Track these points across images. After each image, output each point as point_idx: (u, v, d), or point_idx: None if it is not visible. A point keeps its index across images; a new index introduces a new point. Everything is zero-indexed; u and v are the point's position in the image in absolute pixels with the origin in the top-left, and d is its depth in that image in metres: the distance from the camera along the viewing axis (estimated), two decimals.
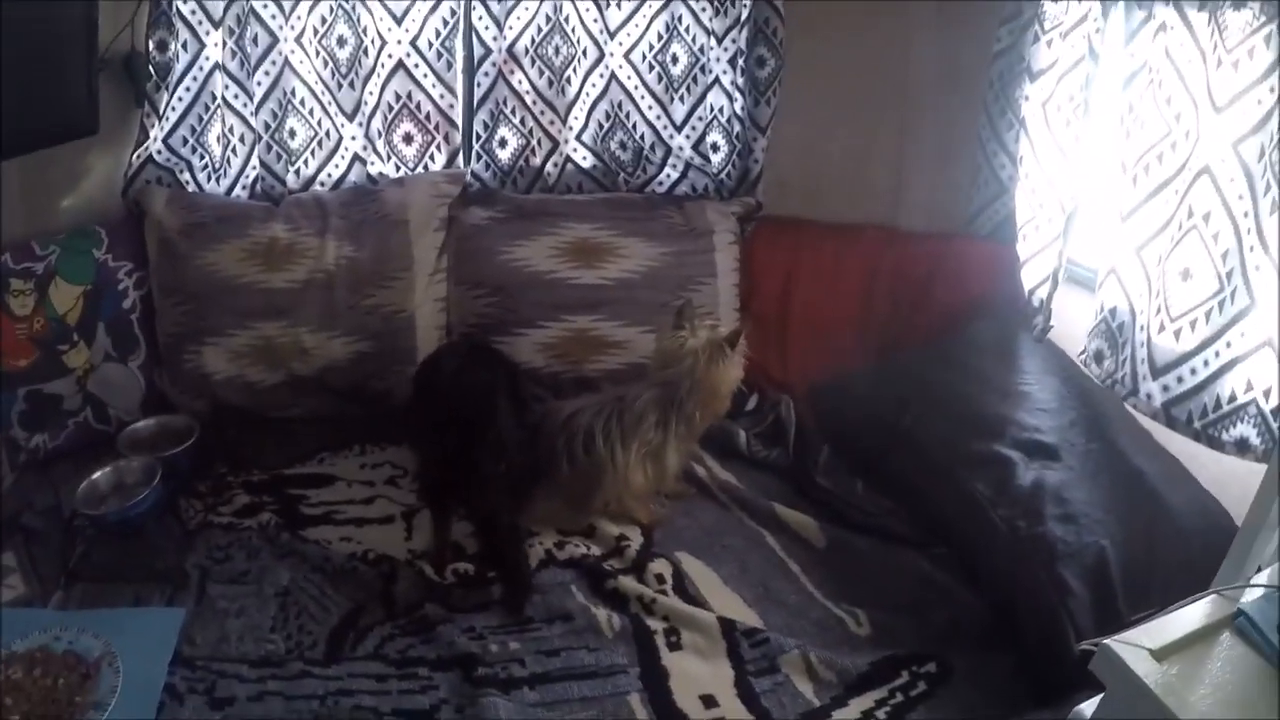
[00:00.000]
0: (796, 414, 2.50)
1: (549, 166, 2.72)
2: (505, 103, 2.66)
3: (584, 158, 2.72)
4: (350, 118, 2.62)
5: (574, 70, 2.64)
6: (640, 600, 1.99)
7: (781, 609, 2.01)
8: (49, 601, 2.05)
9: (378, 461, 2.42)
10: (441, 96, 2.64)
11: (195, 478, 2.35)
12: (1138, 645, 1.21)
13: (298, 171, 2.68)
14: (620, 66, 2.63)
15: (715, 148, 2.67)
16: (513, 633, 1.92)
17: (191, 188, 2.63)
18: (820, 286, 2.65)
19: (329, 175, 2.71)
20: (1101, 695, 1.27)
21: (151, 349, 2.54)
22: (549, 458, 2.15)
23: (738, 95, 2.59)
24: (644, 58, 2.62)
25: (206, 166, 2.63)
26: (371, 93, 2.61)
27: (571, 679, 1.84)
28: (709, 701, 1.79)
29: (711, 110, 2.64)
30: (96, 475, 2.28)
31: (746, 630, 1.91)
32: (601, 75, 2.64)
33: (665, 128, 2.67)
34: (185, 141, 2.57)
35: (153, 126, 2.51)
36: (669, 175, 2.70)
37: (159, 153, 2.56)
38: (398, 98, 2.63)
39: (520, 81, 2.64)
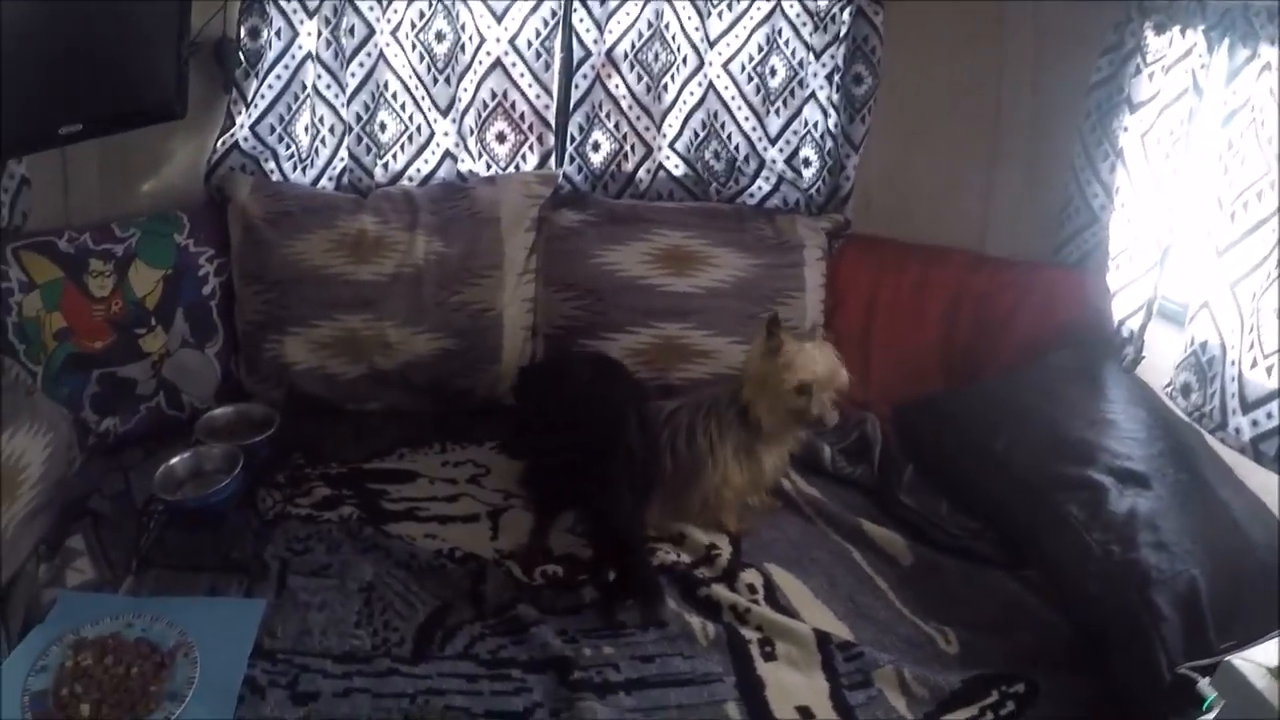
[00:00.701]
0: (881, 432, 2.51)
1: (641, 173, 2.72)
2: (601, 106, 2.68)
3: (676, 165, 2.72)
4: (444, 114, 2.63)
5: (672, 77, 2.65)
6: (734, 609, 1.97)
7: (871, 624, 1.98)
8: (120, 588, 2.02)
9: (459, 460, 2.41)
10: (538, 97, 2.65)
11: (272, 468, 2.33)
12: (1258, 663, 1.26)
13: (386, 165, 2.69)
14: (718, 76, 2.64)
15: (807, 163, 2.68)
16: (606, 637, 1.90)
17: (276, 177, 2.63)
18: (904, 307, 2.64)
19: (418, 170, 2.71)
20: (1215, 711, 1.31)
21: (229, 336, 2.54)
22: (653, 456, 2.14)
23: (832, 111, 2.60)
24: (743, 69, 2.64)
25: (293, 156, 2.63)
26: (466, 89, 2.63)
27: (668, 685, 1.81)
28: (805, 713, 1.77)
29: (806, 125, 2.65)
30: (174, 461, 2.26)
31: (841, 644, 1.89)
32: (700, 84, 2.65)
33: (760, 140, 2.66)
34: (273, 130, 2.57)
35: (240, 113, 2.52)
36: (760, 188, 2.70)
37: (245, 140, 2.56)
38: (493, 96, 2.65)
39: (617, 86, 2.66)
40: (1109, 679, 1.83)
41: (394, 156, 2.72)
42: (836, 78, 2.62)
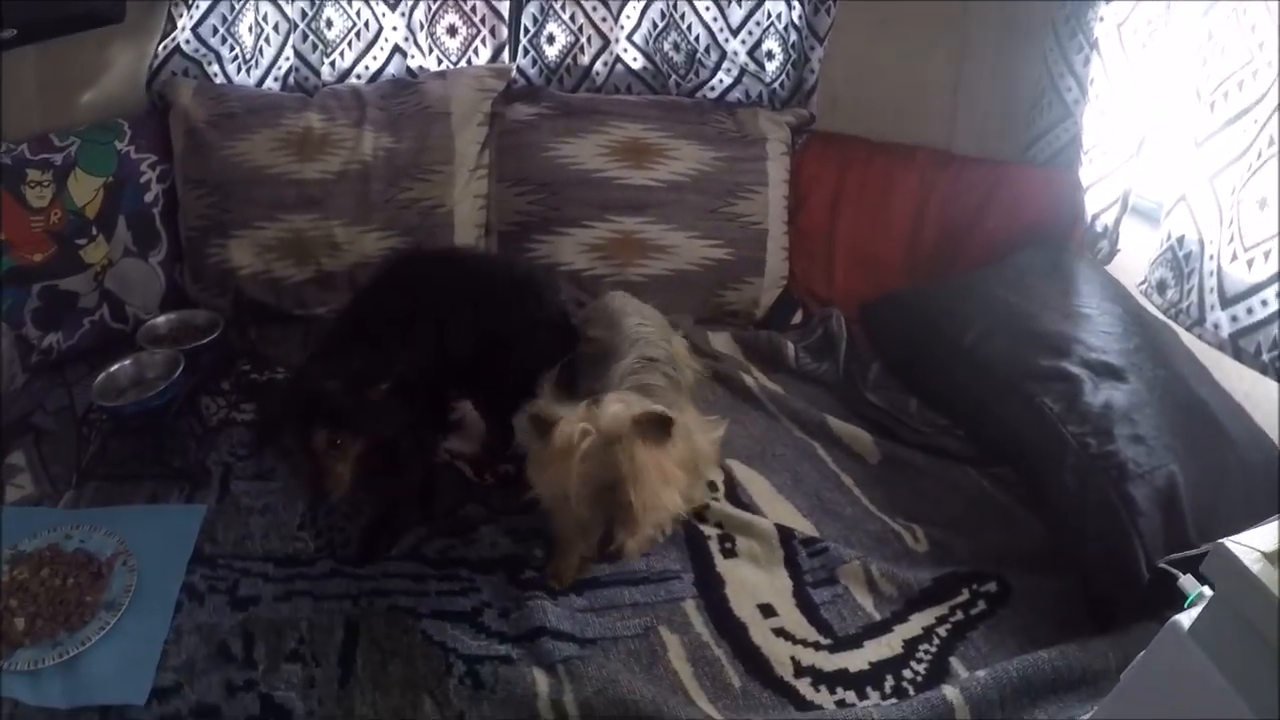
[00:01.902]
0: (846, 330, 2.33)
1: (598, 66, 2.52)
2: None
3: (634, 58, 2.52)
4: (392, 8, 2.45)
5: None
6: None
7: (837, 521, 1.85)
8: (60, 501, 1.90)
9: None
10: None
11: (217, 375, 2.18)
12: (1254, 547, 1.09)
13: (333, 63, 2.50)
14: None
15: (770, 55, 2.48)
16: None
17: (220, 80, 2.46)
18: (869, 205, 2.47)
19: (366, 68, 2.53)
20: (1203, 604, 1.14)
21: (173, 244, 2.38)
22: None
23: (796, 3, 2.40)
24: None
25: (237, 58, 2.45)
26: None
27: (622, 584, 1.68)
28: (767, 610, 1.65)
29: (769, 16, 2.45)
30: (115, 368, 2.11)
31: (805, 539, 1.76)
32: None
33: (721, 31, 2.46)
34: (215, 31, 2.40)
35: (181, 16, 2.35)
36: (721, 80, 2.51)
37: (187, 43, 2.39)
38: None
39: None
40: (1083, 577, 1.71)
41: (341, 54, 2.53)
42: None
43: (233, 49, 2.44)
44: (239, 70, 2.48)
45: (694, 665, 1.56)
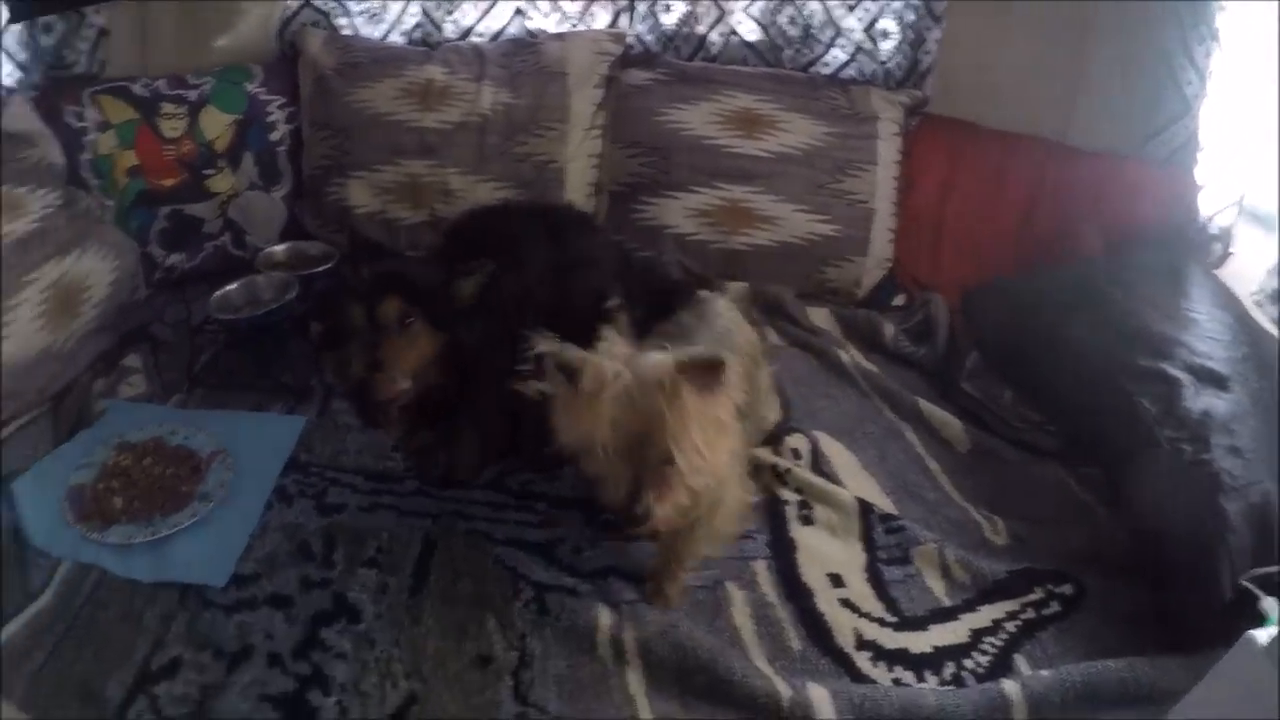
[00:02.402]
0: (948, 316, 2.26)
1: (713, 36, 2.49)
2: None
3: (749, 30, 2.48)
4: None
5: None
6: (774, 470, 1.79)
7: (918, 503, 1.79)
8: (168, 401, 2.02)
9: None
10: None
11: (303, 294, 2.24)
12: None
13: (455, 21, 2.53)
14: None
15: (885, 34, 2.42)
16: None
17: (347, 31, 2.52)
18: (979, 193, 2.39)
19: (487, 27, 2.54)
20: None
21: (296, 181, 2.46)
22: None
23: None
24: None
25: (364, 11, 2.52)
26: None
27: None
28: (836, 580, 1.61)
29: None
30: (231, 287, 2.23)
31: (883, 515, 1.72)
32: None
33: (836, 6, 2.42)
34: None
35: None
36: (835, 57, 2.46)
37: None
38: None
39: None
40: (1162, 587, 1.60)
41: (463, 12, 2.55)
42: None
43: (360, 2, 2.52)
44: (366, 23, 2.54)
45: (756, 623, 1.54)
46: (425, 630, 1.49)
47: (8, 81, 2.18)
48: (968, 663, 1.50)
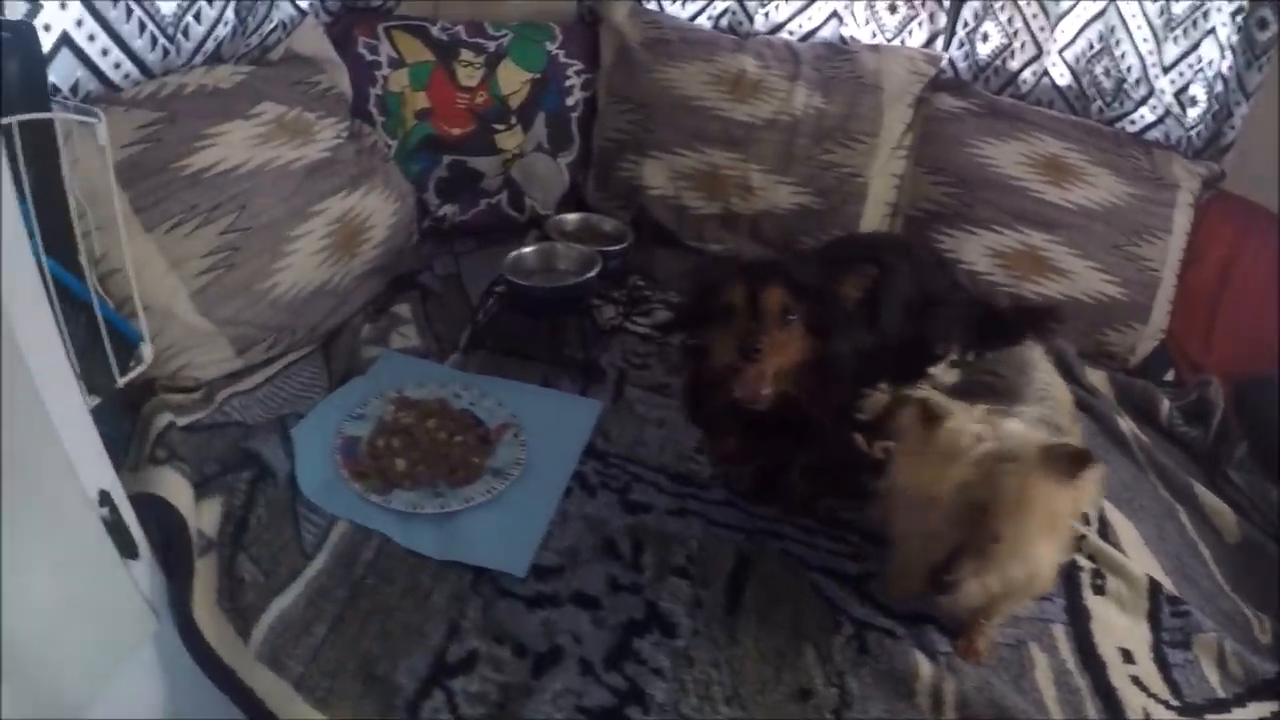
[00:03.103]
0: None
1: (1025, 74, 2.40)
2: None
3: (1061, 74, 2.38)
4: None
5: None
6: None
7: (1194, 589, 1.69)
8: (445, 360, 1.88)
9: None
10: None
11: (612, 282, 2.15)
12: None
13: (767, 14, 2.44)
14: None
15: (1194, 101, 2.30)
16: None
17: (651, 5, 2.44)
18: (1262, 278, 2.25)
19: (800, 25, 2.45)
20: None
21: (584, 150, 2.38)
22: None
23: (1229, 53, 2.23)
24: None
25: None
26: None
27: None
28: (1126, 656, 1.52)
29: (1200, 60, 2.27)
30: (527, 250, 2.11)
31: (1170, 597, 1.62)
32: None
33: (1153, 66, 2.31)
34: None
35: None
36: (1143, 116, 2.35)
37: None
38: None
39: None
40: None
41: (775, 7, 2.46)
42: (1239, 18, 2.22)
43: None
44: (673, 2, 2.46)
45: (1058, 689, 1.45)
46: (744, 653, 1.38)
47: (303, 3, 2.10)
48: None
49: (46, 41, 1.49)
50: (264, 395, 1.73)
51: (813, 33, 2.46)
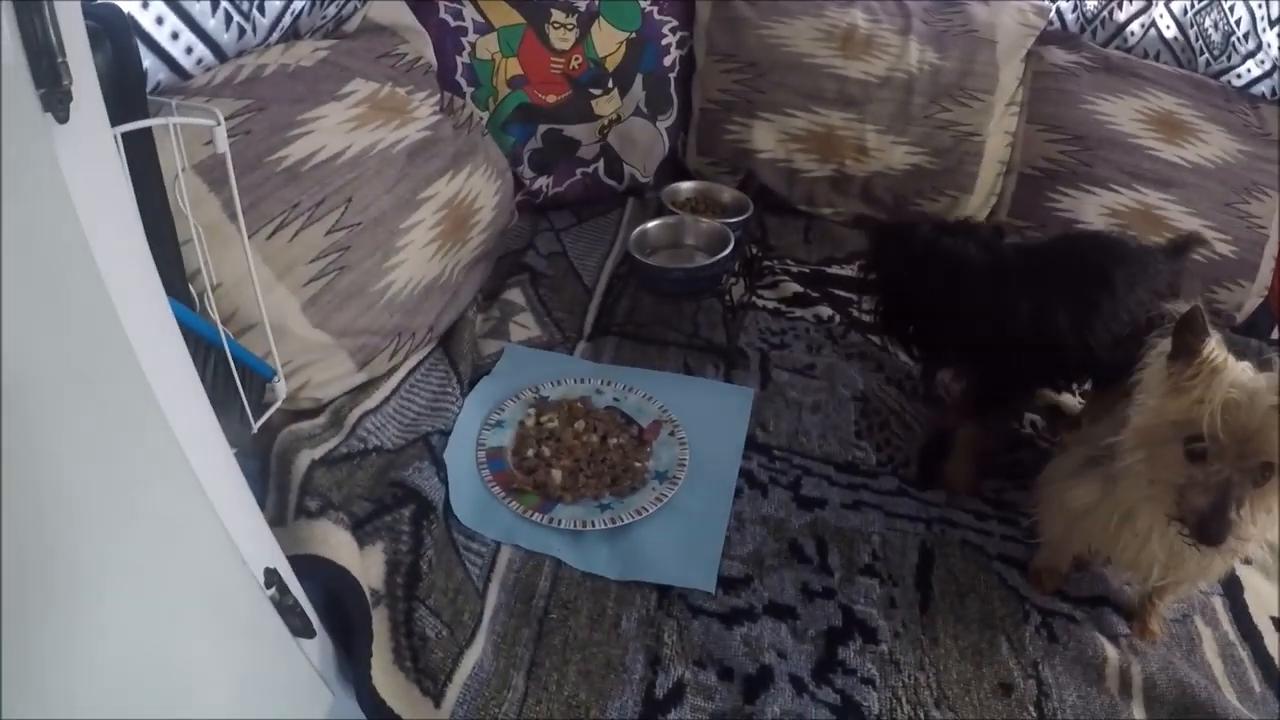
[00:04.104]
0: None
1: (1133, 26, 2.31)
2: None
3: (1168, 26, 2.31)
4: None
5: None
6: None
7: None
8: (574, 349, 1.77)
9: None
10: None
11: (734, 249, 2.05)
12: None
13: None
14: None
15: None
16: None
17: None
18: None
19: None
20: None
21: (682, 112, 2.25)
22: None
23: None
24: None
25: None
26: None
27: None
28: (1277, 624, 1.51)
29: None
30: (651, 225, 1.90)
31: None
32: None
33: (1261, 19, 2.23)
34: None
35: None
36: (1249, 70, 2.27)
37: None
38: None
39: None
40: None
41: None
42: None
43: None
44: None
45: (1224, 661, 1.45)
46: (944, 652, 1.35)
47: None
48: None
49: None
50: (395, 410, 1.58)
51: None
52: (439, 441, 1.50)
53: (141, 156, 1.09)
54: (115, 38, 1.04)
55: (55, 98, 0.62)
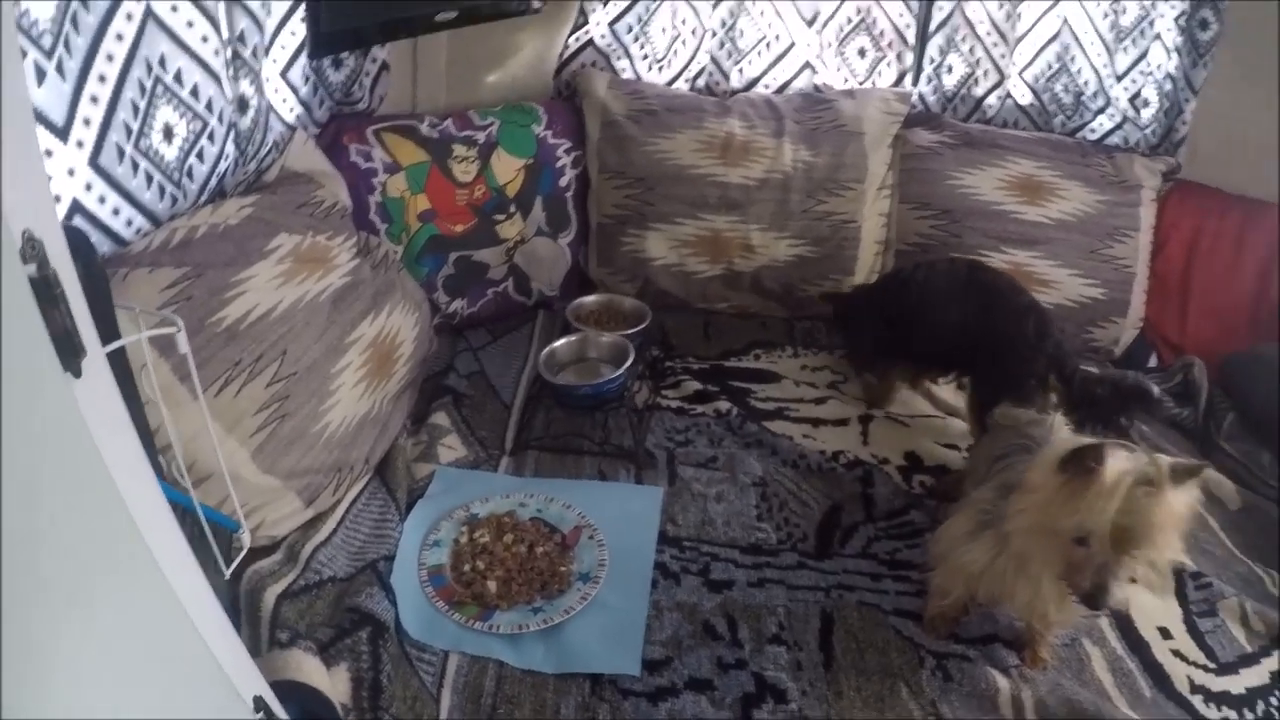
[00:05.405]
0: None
1: (990, 99, 2.54)
2: (958, 31, 2.49)
3: (1023, 94, 2.54)
4: (809, 25, 2.47)
5: (1028, 6, 2.45)
6: None
7: (1209, 559, 1.86)
8: (498, 466, 1.91)
9: (816, 365, 2.27)
10: (900, 16, 2.49)
11: (636, 359, 2.19)
12: None
13: (741, 70, 2.54)
14: (1075, 10, 2.43)
15: (1146, 103, 2.47)
16: None
17: (628, 75, 2.49)
18: (1223, 257, 2.42)
19: (774, 79, 2.56)
20: None
21: (581, 227, 2.43)
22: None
23: (1175, 55, 2.38)
24: (1099, 3, 2.41)
25: (648, 56, 2.50)
26: (830, 4, 2.45)
27: None
28: (1164, 633, 1.67)
29: (1150, 65, 2.42)
30: (558, 344, 2.12)
31: (1193, 573, 1.78)
32: (1057, 15, 2.44)
33: (1108, 76, 2.47)
34: (630, 29, 2.44)
35: (594, 10, 2.39)
36: (1101, 124, 2.51)
37: (601, 37, 2.42)
38: (857, 13, 2.48)
39: (975, 11, 2.47)
40: None
41: (749, 62, 2.56)
42: (1182, 20, 2.38)
43: (643, 47, 2.49)
44: (649, 69, 2.52)
45: (1114, 674, 1.60)
46: (849, 703, 1.51)
47: (289, 118, 2.01)
48: (1273, 700, 1.58)
49: (59, 212, 1.38)
50: (343, 540, 1.69)
51: (787, 84, 2.57)
52: (385, 567, 1.62)
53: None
54: (83, 259, 1.13)
55: (72, 365, 0.71)
